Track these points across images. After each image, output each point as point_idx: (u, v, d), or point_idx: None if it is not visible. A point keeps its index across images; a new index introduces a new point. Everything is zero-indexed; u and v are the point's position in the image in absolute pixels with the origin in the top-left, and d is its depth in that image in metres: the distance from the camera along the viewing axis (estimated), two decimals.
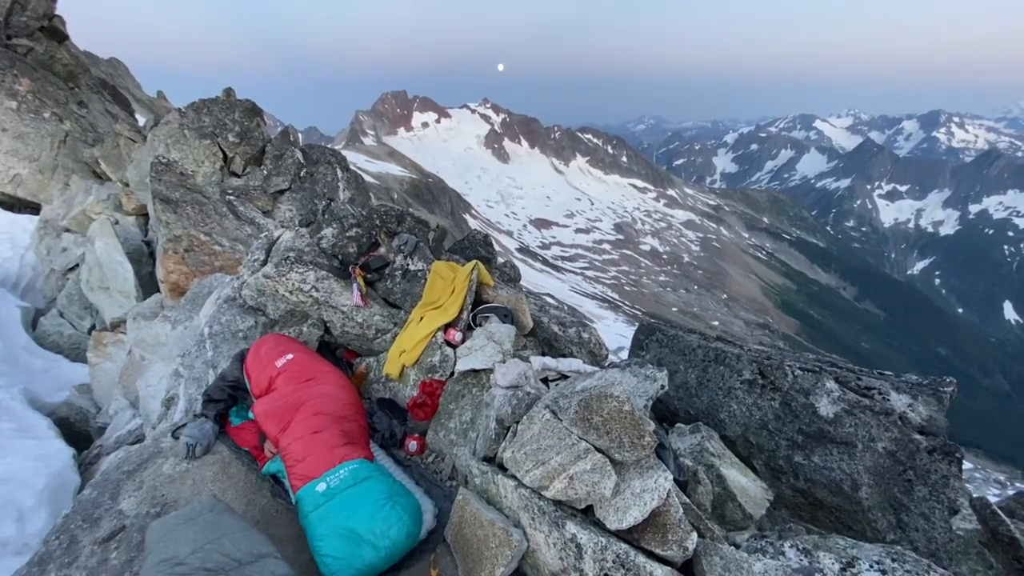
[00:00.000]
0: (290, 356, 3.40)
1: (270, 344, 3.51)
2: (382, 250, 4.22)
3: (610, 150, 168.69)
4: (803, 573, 1.99)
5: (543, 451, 2.26)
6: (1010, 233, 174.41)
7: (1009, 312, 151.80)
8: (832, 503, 3.74)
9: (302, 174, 10.46)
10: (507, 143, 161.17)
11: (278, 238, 4.94)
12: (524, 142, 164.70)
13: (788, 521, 3.75)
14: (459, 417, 3.26)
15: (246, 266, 4.69)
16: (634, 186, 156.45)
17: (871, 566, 1.98)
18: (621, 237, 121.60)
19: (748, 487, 3.44)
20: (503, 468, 2.55)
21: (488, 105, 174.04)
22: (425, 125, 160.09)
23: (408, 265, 4.07)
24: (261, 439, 3.21)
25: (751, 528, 3.29)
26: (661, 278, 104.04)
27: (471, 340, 3.48)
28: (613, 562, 1.96)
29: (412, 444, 3.32)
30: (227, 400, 3.40)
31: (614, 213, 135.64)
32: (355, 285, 3.89)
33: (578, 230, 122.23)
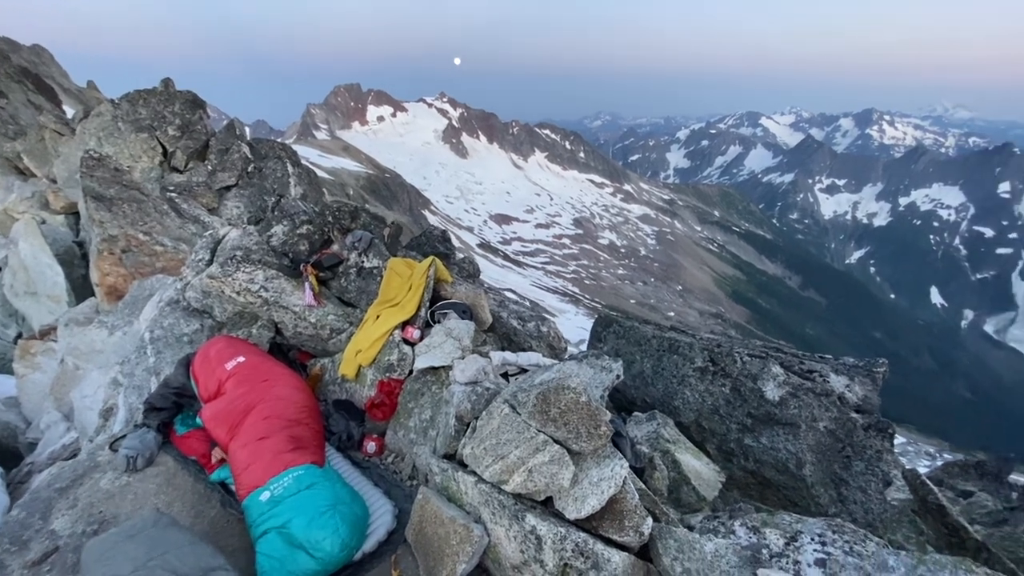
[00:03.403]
0: (241, 359, 3.27)
1: (220, 346, 3.37)
2: (335, 247, 4.10)
3: (568, 146, 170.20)
4: (751, 550, 2.09)
5: (502, 445, 2.27)
6: (935, 224, 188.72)
7: (935, 297, 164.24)
8: (779, 481, 3.94)
9: (250, 169, 10.03)
10: (465, 138, 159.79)
11: (224, 236, 4.73)
12: (482, 137, 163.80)
13: (739, 501, 3.92)
14: (419, 416, 3.22)
15: (190, 266, 4.47)
16: (592, 181, 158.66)
17: (812, 539, 2.10)
18: (580, 232, 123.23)
19: (702, 470, 3.58)
20: (463, 465, 2.54)
21: (445, 99, 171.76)
22: (380, 119, 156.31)
23: (363, 262, 3.98)
24: (211, 446, 3.07)
25: (705, 510, 3.42)
26: (619, 271, 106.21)
27: (429, 337, 3.45)
28: (572, 551, 1.99)
29: (371, 445, 3.26)
30: (171, 408, 3.23)
31: (573, 208, 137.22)
32: (307, 284, 3.77)
33: (538, 225, 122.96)
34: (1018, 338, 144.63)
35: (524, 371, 3.19)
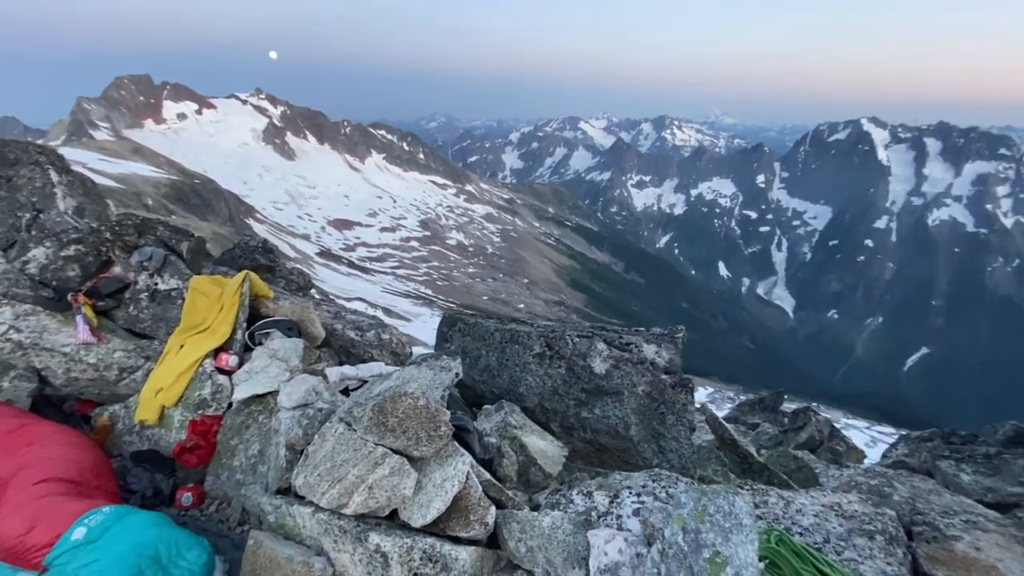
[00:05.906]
0: None
1: None
2: (117, 269, 3.42)
3: (405, 147, 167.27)
4: (584, 515, 2.29)
5: (339, 467, 2.14)
6: (717, 210, 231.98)
7: (722, 270, 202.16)
8: (613, 445, 4.41)
9: None
10: (291, 138, 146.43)
11: None
12: (311, 137, 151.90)
13: (582, 470, 4.30)
14: (245, 452, 2.87)
15: None
16: (434, 182, 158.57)
17: (631, 493, 2.39)
18: (428, 233, 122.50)
19: (547, 449, 3.82)
20: (300, 497, 2.34)
21: (263, 96, 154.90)
22: (182, 116, 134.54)
23: (156, 284, 3.39)
24: None
25: (552, 485, 3.67)
26: (470, 270, 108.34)
27: (250, 362, 3.09)
28: (420, 559, 1.96)
29: (186, 496, 2.80)
30: None
31: (418, 210, 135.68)
32: (80, 317, 3.08)
33: (383, 229, 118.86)
34: (780, 296, 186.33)
35: (367, 383, 3.05)
